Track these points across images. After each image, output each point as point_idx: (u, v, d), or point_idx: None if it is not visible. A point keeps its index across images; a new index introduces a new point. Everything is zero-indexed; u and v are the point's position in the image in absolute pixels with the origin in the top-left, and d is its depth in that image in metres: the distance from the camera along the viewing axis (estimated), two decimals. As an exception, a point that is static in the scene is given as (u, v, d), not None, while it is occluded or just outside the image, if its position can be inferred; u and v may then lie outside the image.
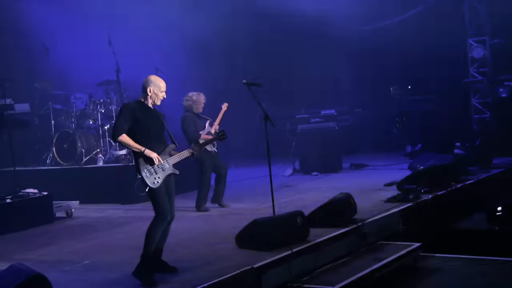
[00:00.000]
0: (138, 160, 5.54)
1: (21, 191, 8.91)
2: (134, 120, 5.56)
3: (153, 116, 5.76)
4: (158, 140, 5.69)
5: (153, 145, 5.58)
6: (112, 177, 10.37)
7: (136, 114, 5.59)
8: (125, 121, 5.55)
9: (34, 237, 7.93)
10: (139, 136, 5.55)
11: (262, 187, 9.87)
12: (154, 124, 5.71)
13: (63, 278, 5.68)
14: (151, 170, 5.53)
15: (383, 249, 7.08)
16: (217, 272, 5.51)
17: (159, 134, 5.74)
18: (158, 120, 5.79)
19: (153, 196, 5.57)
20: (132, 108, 5.63)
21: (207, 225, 7.88)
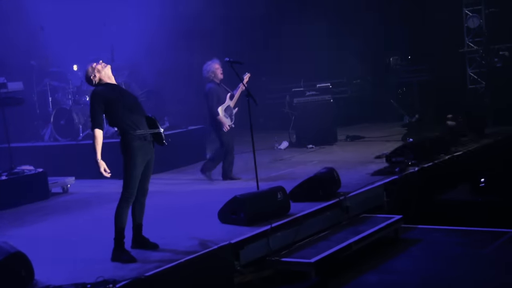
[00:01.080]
0: (153, 118, 5.75)
1: (16, 168, 9.11)
2: (109, 102, 5.57)
3: (123, 90, 5.88)
4: (138, 112, 5.70)
5: (136, 118, 5.62)
6: (108, 152, 10.52)
7: (108, 95, 5.60)
8: (99, 110, 5.56)
9: (29, 213, 8.17)
10: (121, 114, 5.57)
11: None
12: (128, 98, 5.74)
13: (50, 254, 5.92)
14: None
15: (365, 222, 7.24)
16: (196, 247, 5.71)
17: (136, 106, 5.73)
18: (128, 92, 5.88)
19: (134, 175, 5.63)
20: (102, 91, 5.63)
21: (197, 200, 8.05)
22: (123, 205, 5.65)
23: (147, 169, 5.83)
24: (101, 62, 5.84)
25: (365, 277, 6.07)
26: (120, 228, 5.59)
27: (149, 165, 5.84)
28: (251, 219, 6.34)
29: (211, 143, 12.09)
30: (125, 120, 5.59)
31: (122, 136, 5.66)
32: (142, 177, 5.76)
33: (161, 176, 10.08)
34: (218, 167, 9.39)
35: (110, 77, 5.82)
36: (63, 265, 5.57)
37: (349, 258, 6.42)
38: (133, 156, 5.61)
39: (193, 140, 11.74)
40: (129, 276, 4.96)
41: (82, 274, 5.10)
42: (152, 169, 5.96)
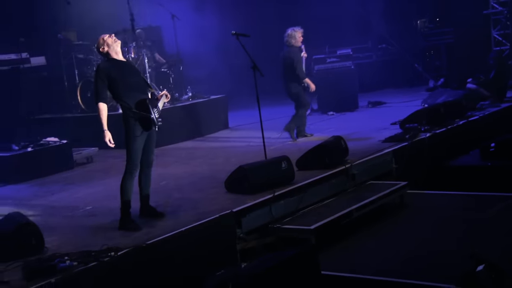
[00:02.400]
0: (148, 103, 5.83)
1: (42, 140, 9.53)
2: (111, 80, 5.81)
3: (127, 68, 6.01)
4: (139, 90, 5.93)
5: (137, 96, 5.85)
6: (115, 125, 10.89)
7: (111, 73, 5.82)
8: (102, 85, 5.81)
9: (52, 183, 8.58)
10: (122, 92, 5.82)
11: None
12: (131, 76, 5.93)
13: (61, 223, 6.32)
14: (156, 112, 5.88)
15: (370, 189, 7.40)
16: (200, 216, 5.99)
17: (139, 84, 5.97)
18: (133, 71, 6.05)
19: (133, 145, 5.87)
20: (105, 68, 5.85)
21: (211, 169, 8.30)
22: (126, 177, 5.93)
23: (149, 142, 6.07)
24: (112, 36, 6.05)
25: (364, 244, 6.27)
26: (125, 199, 5.90)
27: (151, 138, 6.09)
28: (255, 188, 6.58)
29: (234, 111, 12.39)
30: (125, 98, 5.85)
31: (122, 112, 5.91)
32: (145, 150, 6.02)
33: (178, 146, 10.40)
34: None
35: (118, 53, 6.02)
36: (74, 233, 5.94)
37: (350, 225, 6.61)
38: (132, 131, 5.88)
39: (215, 109, 11.99)
40: (133, 244, 5.27)
41: (89, 242, 5.45)
42: (155, 141, 6.21)
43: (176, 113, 11.18)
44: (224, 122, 12.02)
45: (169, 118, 10.89)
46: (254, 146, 9.22)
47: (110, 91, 5.94)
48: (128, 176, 5.94)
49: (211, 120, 11.73)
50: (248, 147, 9.46)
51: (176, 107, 11.34)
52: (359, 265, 5.61)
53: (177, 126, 11.02)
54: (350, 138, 8.91)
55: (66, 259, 4.86)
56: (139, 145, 5.93)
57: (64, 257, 4.91)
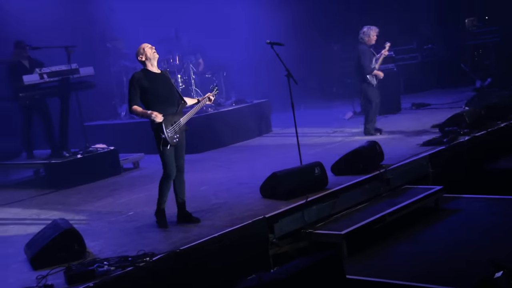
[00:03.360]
0: (161, 123, 6.12)
1: (91, 147, 9.97)
2: (143, 90, 6.16)
3: (159, 80, 6.28)
4: (167, 102, 6.24)
5: (164, 108, 6.17)
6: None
7: (143, 84, 6.17)
8: (135, 92, 6.17)
9: (99, 189, 8.99)
10: (150, 102, 6.18)
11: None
12: (161, 89, 6.24)
13: (104, 229, 6.67)
14: (172, 130, 6.18)
15: (405, 193, 7.48)
16: (235, 222, 6.22)
17: (168, 97, 6.27)
18: (165, 83, 6.32)
19: (164, 155, 6.26)
20: (138, 78, 6.20)
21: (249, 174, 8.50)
22: (163, 181, 6.41)
23: (178, 149, 6.37)
24: (153, 49, 6.41)
25: (395, 248, 6.37)
26: (160, 199, 6.40)
27: (179, 145, 6.36)
28: (288, 194, 6.78)
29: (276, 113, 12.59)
30: (153, 109, 6.17)
31: (151, 122, 6.24)
32: (175, 155, 6.35)
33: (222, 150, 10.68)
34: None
35: (153, 65, 6.36)
36: (114, 238, 6.27)
37: (383, 229, 6.72)
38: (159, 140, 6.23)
39: (258, 113, 12.23)
40: (167, 250, 5.55)
41: (128, 247, 5.76)
42: (184, 147, 6.48)
43: (220, 118, 11.48)
44: (267, 126, 12.25)
45: (212, 123, 11.25)
46: (295, 149, 9.34)
47: (141, 101, 6.29)
48: (164, 180, 6.39)
49: (254, 124, 11.98)
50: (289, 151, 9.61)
51: (219, 112, 11.64)
52: (387, 270, 5.72)
53: (221, 131, 11.32)
54: (387, 142, 9.02)
55: (105, 264, 5.19)
56: (169, 151, 6.28)
57: (103, 262, 5.24)
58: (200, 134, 11.01)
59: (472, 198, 7.71)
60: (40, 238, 5.83)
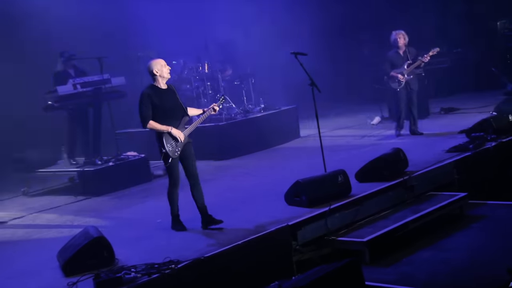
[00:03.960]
0: (163, 136, 6.55)
1: (122, 154, 10.25)
2: (153, 105, 6.56)
3: (166, 96, 6.67)
4: (173, 117, 6.65)
5: (170, 122, 6.58)
6: (206, 135, 11.49)
7: (153, 100, 6.57)
8: (145, 108, 6.56)
9: (130, 196, 9.26)
10: (158, 117, 6.57)
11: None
12: (168, 104, 6.64)
13: (133, 236, 6.89)
14: (174, 144, 6.59)
15: (429, 200, 7.54)
16: (259, 229, 6.38)
17: (174, 111, 6.68)
18: (171, 98, 6.70)
19: (170, 167, 6.67)
20: (149, 95, 6.59)
21: (276, 182, 8.62)
22: (169, 191, 6.85)
23: (185, 158, 6.73)
24: (167, 68, 6.76)
25: (417, 255, 6.43)
26: (172, 208, 6.85)
27: (185, 154, 6.73)
28: (311, 202, 6.91)
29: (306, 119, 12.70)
30: (160, 122, 6.58)
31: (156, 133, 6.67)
32: (184, 165, 6.76)
33: (250, 157, 10.85)
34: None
35: (162, 82, 6.74)
36: (142, 245, 6.48)
37: (407, 236, 6.79)
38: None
39: (286, 120, 12.37)
40: (193, 257, 5.73)
41: (155, 254, 5.95)
42: (193, 155, 6.81)
43: (248, 125, 11.65)
44: (295, 132, 12.36)
45: (241, 130, 11.44)
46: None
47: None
48: (171, 189, 6.81)
49: (282, 131, 12.11)
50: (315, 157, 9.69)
51: (248, 119, 11.81)
52: (408, 277, 5.81)
53: (249, 138, 11.49)
54: (413, 148, 9.07)
55: (132, 271, 5.40)
56: (173, 163, 6.67)
57: (130, 269, 5.46)
58: (228, 141, 11.22)
59: (498, 204, 7.73)
60: (71, 246, 6.08)
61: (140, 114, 6.61)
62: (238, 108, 12.14)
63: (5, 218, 8.82)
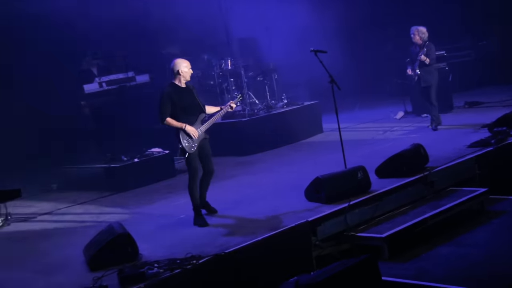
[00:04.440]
0: (179, 133, 6.93)
1: (147, 151, 10.46)
2: (172, 103, 6.95)
3: (186, 94, 7.07)
4: (191, 113, 7.06)
5: (187, 118, 6.99)
6: (229, 131, 11.65)
7: (173, 98, 6.96)
8: (165, 106, 6.97)
9: (154, 191, 9.45)
10: (176, 114, 6.97)
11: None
12: (187, 101, 7.04)
13: (156, 231, 7.08)
14: (189, 140, 6.98)
15: (449, 195, 7.56)
16: (278, 224, 6.50)
17: (192, 108, 7.07)
18: (189, 97, 7.09)
19: (187, 160, 7.06)
20: (168, 93, 6.99)
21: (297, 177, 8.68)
22: (189, 183, 7.15)
23: (203, 153, 7.13)
24: (190, 72, 7.15)
25: (436, 250, 6.47)
26: (192, 201, 7.11)
27: (204, 150, 7.14)
28: (331, 198, 7.01)
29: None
30: (178, 119, 6.98)
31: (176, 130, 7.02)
32: (202, 160, 7.15)
33: (272, 152, 10.96)
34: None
35: (183, 83, 7.14)
36: (165, 241, 6.65)
37: (426, 232, 6.84)
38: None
39: (309, 115, 12.44)
40: (214, 252, 5.88)
41: (178, 250, 6.12)
42: (209, 151, 7.24)
43: (272, 120, 11.77)
44: (318, 127, 12.43)
45: (264, 126, 11.55)
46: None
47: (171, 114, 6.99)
48: (190, 182, 7.14)
49: (305, 126, 12.20)
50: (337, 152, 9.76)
51: (271, 114, 11.92)
52: (425, 272, 5.86)
53: (272, 133, 11.60)
54: (434, 143, 9.09)
55: (155, 266, 5.56)
56: (191, 156, 7.06)
57: (153, 264, 5.62)
58: (251, 136, 11.35)
59: (518, 199, 7.72)
60: (97, 241, 6.27)
61: (159, 111, 7.00)
62: (261, 104, 12.25)
63: (35, 213, 9.10)
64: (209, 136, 7.23)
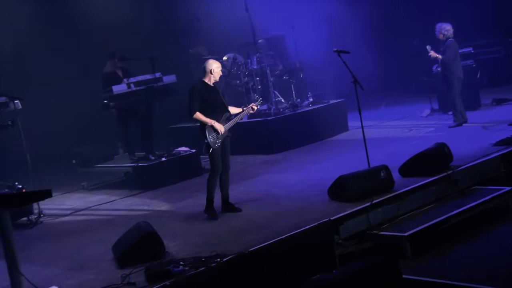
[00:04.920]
0: (205, 129, 7.30)
1: (174, 150, 10.65)
2: (201, 99, 7.37)
3: (214, 93, 7.50)
4: (217, 111, 7.47)
5: (214, 116, 7.39)
6: (255, 129, 11.77)
7: (203, 94, 7.40)
8: (195, 101, 7.39)
9: (181, 190, 9.61)
10: (204, 111, 7.37)
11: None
12: (215, 100, 7.48)
13: (183, 229, 7.25)
14: (215, 136, 7.37)
15: (474, 194, 7.57)
16: (302, 223, 6.60)
17: (218, 106, 7.49)
18: (217, 95, 7.53)
19: (211, 156, 7.45)
20: (199, 89, 7.43)
21: (322, 176, 8.77)
22: (210, 178, 7.58)
23: (224, 151, 7.52)
24: (220, 70, 7.53)
25: (458, 249, 6.52)
26: (209, 195, 7.53)
27: (225, 146, 7.53)
28: (354, 197, 7.09)
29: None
30: (205, 115, 7.37)
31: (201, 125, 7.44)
32: (222, 154, 7.47)
33: (298, 151, 11.06)
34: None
35: (211, 82, 7.56)
36: (192, 239, 6.81)
37: (449, 231, 6.87)
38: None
39: (335, 113, 12.49)
40: (238, 251, 6.01)
41: (203, 248, 6.28)
42: (229, 149, 7.64)
43: (296, 119, 11.85)
44: (344, 125, 12.47)
45: (289, 125, 11.65)
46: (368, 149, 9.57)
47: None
48: (212, 177, 7.56)
49: (331, 124, 12.24)
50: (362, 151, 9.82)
51: (297, 113, 11.99)
52: (447, 271, 5.91)
53: (298, 132, 11.68)
54: (459, 141, 9.10)
55: (181, 264, 5.73)
56: (215, 152, 7.46)
57: (179, 262, 5.79)
58: (276, 135, 11.45)
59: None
60: (125, 240, 6.47)
61: (189, 105, 7.37)
62: (287, 103, 12.35)
63: (66, 210, 9.35)
64: (231, 135, 7.60)
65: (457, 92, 10.88)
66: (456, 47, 10.97)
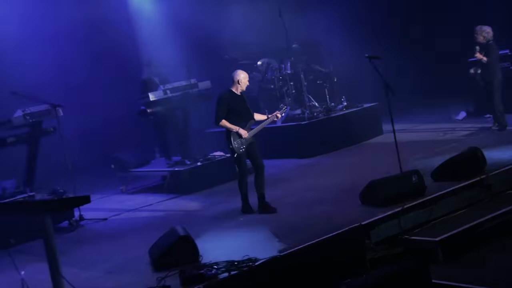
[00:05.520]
0: (231, 135, 7.80)
1: (209, 155, 10.85)
2: (228, 108, 7.84)
3: (240, 101, 7.98)
4: (242, 119, 7.95)
5: (239, 123, 7.86)
6: (289, 134, 11.89)
7: (230, 103, 7.88)
8: (222, 109, 7.87)
9: (216, 194, 9.80)
10: (230, 118, 7.86)
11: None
12: (241, 108, 7.95)
13: (218, 233, 7.41)
14: (239, 142, 7.85)
15: (508, 199, 7.52)
16: (333, 228, 6.70)
17: (244, 114, 7.98)
18: (243, 104, 8.00)
19: (237, 160, 7.94)
20: (226, 98, 7.93)
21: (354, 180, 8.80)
22: (239, 181, 8.10)
23: (251, 154, 7.99)
24: (247, 81, 8.00)
25: (490, 255, 6.49)
26: (241, 194, 8.08)
27: (251, 148, 7.95)
28: (385, 201, 7.15)
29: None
30: (231, 122, 7.86)
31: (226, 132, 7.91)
32: (250, 157, 8.03)
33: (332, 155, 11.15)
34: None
35: (238, 91, 8.05)
36: (225, 243, 6.98)
37: (482, 236, 6.85)
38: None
39: (368, 117, 12.51)
40: (270, 255, 6.15)
41: (236, 252, 6.42)
42: (256, 149, 8.04)
43: (331, 123, 11.92)
44: (378, 129, 12.46)
45: (323, 129, 11.74)
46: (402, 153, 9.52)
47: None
48: (240, 179, 8.09)
49: (365, 128, 12.25)
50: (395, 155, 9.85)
51: (330, 117, 12.06)
52: (478, 276, 5.91)
53: (331, 136, 11.76)
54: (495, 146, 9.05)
55: (214, 267, 5.90)
56: (240, 157, 7.94)
57: (212, 265, 5.96)
58: (310, 139, 11.55)
59: None
60: (161, 243, 6.67)
61: (216, 113, 7.79)
62: (321, 107, 12.43)
63: (106, 215, 9.63)
64: (256, 141, 8.03)
65: (498, 95, 10.78)
66: (497, 49, 10.90)
